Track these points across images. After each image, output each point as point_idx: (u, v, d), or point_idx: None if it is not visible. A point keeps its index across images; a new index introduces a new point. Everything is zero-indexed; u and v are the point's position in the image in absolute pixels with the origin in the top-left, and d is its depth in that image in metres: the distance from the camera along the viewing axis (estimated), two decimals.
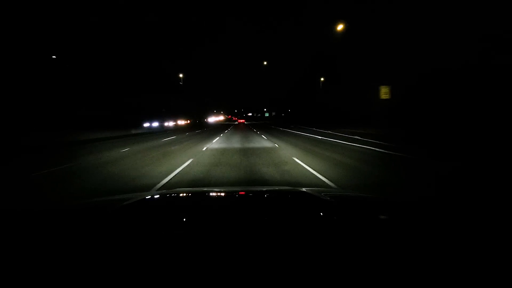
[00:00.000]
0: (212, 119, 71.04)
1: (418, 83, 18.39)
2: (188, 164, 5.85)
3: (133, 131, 20.83)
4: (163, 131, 24.40)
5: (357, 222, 0.90)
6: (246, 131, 21.29)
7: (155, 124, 29.60)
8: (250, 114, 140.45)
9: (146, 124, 27.60)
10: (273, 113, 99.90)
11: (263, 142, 11.49)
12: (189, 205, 1.27)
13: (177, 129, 28.61)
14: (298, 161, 6.08)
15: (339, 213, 1.05)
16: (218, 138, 14.16)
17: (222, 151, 8.21)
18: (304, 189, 1.45)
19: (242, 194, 1.51)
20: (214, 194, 1.55)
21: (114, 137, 16.09)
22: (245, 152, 7.97)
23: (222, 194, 1.54)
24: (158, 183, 4.20)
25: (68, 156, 7.83)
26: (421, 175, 4.63)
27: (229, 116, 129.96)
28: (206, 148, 9.12)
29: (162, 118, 33.57)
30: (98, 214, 1.04)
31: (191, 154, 7.55)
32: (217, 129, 27.18)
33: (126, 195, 1.41)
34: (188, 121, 44.81)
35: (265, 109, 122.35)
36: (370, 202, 1.32)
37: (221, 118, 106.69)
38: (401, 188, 3.79)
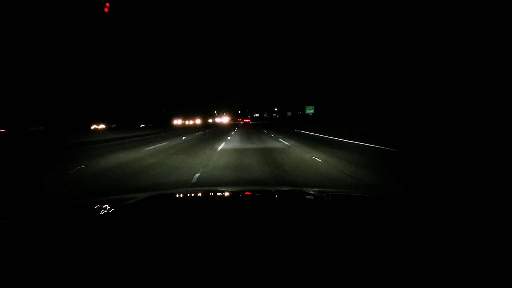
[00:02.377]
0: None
1: None
2: None
3: None
4: None
5: (358, 222, 0.90)
6: None
7: None
8: (257, 115, 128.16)
9: None
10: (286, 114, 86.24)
11: None
12: (189, 205, 1.27)
13: None
14: None
15: (340, 214, 1.04)
16: None
17: None
18: (305, 189, 1.45)
19: (243, 195, 1.50)
20: (214, 194, 1.54)
21: None
22: None
23: (223, 194, 1.53)
24: None
25: None
26: None
27: (231, 119, 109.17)
28: None
29: None
30: (99, 215, 1.04)
31: None
32: None
33: (127, 195, 1.38)
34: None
35: (275, 109, 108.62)
36: (371, 202, 1.35)
37: (224, 120, 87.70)
38: None
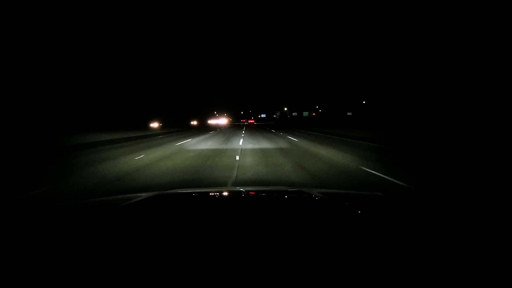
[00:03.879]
0: None
1: None
2: None
3: None
4: None
5: (356, 221, 0.90)
6: None
7: None
8: (263, 115, 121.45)
9: None
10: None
11: None
12: (189, 205, 1.26)
13: None
14: None
15: (338, 213, 1.03)
16: None
17: None
18: (303, 189, 1.46)
19: (241, 195, 1.50)
20: (213, 194, 1.54)
21: None
22: None
23: (222, 194, 1.54)
24: None
25: None
26: None
27: (230, 120, 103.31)
28: None
29: None
30: (98, 214, 1.03)
31: None
32: None
33: (127, 195, 1.38)
34: None
35: (285, 109, 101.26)
36: (369, 201, 1.34)
37: (221, 121, 77.87)
38: None
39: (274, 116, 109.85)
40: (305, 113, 77.87)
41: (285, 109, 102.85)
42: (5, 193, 4.06)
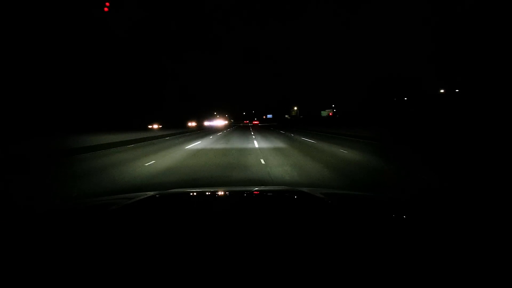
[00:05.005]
0: None
1: None
2: None
3: None
4: None
5: (356, 222, 0.90)
6: None
7: None
8: (269, 116, 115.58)
9: None
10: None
11: None
12: (188, 205, 1.28)
13: None
14: None
15: (337, 213, 1.04)
16: None
17: None
18: (303, 189, 1.46)
19: (241, 195, 1.51)
20: (213, 194, 1.55)
21: None
22: None
23: (221, 194, 1.55)
24: None
25: None
26: None
27: (229, 122, 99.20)
28: None
29: None
30: (98, 214, 1.03)
31: None
32: None
33: (127, 195, 1.39)
34: None
35: (295, 108, 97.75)
36: (369, 201, 1.33)
37: (218, 123, 75.17)
38: None
39: (286, 116, 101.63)
40: (324, 113, 72.52)
41: (295, 108, 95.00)
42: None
